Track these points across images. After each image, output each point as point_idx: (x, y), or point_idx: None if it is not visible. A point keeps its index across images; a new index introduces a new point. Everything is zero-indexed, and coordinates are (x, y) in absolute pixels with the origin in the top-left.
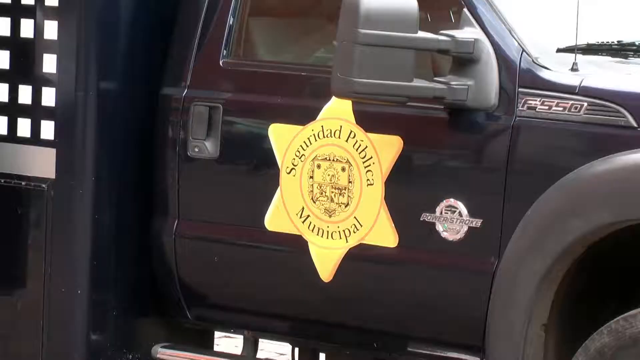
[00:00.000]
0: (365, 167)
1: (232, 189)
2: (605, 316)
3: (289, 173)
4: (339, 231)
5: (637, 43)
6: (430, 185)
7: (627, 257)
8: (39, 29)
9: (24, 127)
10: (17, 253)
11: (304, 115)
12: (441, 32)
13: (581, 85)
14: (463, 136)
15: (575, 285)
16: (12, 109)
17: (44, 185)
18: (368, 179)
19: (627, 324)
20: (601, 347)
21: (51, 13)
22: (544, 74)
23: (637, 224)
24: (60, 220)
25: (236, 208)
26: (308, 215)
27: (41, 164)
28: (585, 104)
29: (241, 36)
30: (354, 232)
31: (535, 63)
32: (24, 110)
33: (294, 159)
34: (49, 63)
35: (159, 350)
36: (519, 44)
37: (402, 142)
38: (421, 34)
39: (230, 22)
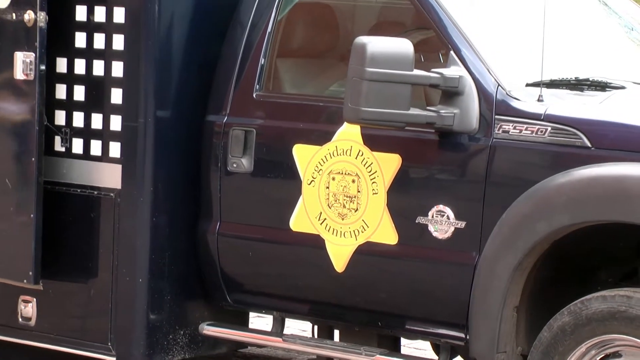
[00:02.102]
0: (371, 180)
1: (263, 197)
2: (566, 300)
3: (309, 184)
4: (350, 231)
5: (590, 79)
6: (423, 194)
7: (584, 251)
8: (108, 68)
9: (96, 147)
10: (91, 249)
11: (322, 137)
12: (432, 70)
13: (546, 113)
14: (450, 154)
15: (541, 275)
16: (87, 133)
17: (112, 194)
18: (373, 189)
19: (583, 306)
20: (562, 325)
21: (118, 55)
22: (516, 104)
23: (591, 225)
24: (125, 222)
25: (267, 212)
26: (325, 219)
27: (110, 177)
28: (549, 128)
29: (270, 73)
30: (362, 232)
31: (508, 95)
32: (96, 134)
33: (314, 172)
34: (116, 95)
35: (205, 327)
36: (495, 80)
37: (401, 159)
38: (416, 71)
39: (262, 62)
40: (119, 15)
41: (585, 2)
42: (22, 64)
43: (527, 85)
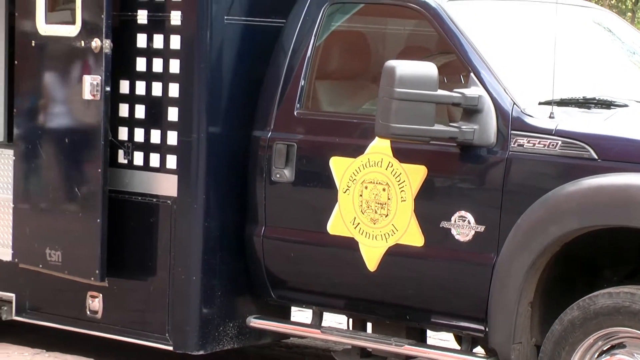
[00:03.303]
0: (399, 188)
1: (303, 203)
2: (575, 296)
3: (344, 192)
4: (381, 234)
5: (596, 98)
6: (447, 201)
7: (592, 252)
8: (165, 89)
9: (154, 159)
10: (150, 250)
11: (356, 150)
12: (454, 90)
13: (557, 128)
14: (470, 166)
15: (553, 274)
16: (146, 147)
17: (169, 202)
18: (402, 197)
19: (591, 302)
20: (572, 319)
21: (174, 78)
22: (530, 120)
23: (598, 229)
24: (181, 226)
25: (306, 217)
26: (358, 223)
27: (167, 186)
28: (560, 142)
29: (310, 93)
30: (392, 235)
31: (523, 112)
32: (155, 148)
33: (348, 182)
34: (172, 113)
35: (252, 320)
36: (511, 98)
37: (426, 170)
38: (440, 91)
39: (302, 84)
40: (175, 42)
41: (592, 29)
42: (90, 85)
43: (540, 103)
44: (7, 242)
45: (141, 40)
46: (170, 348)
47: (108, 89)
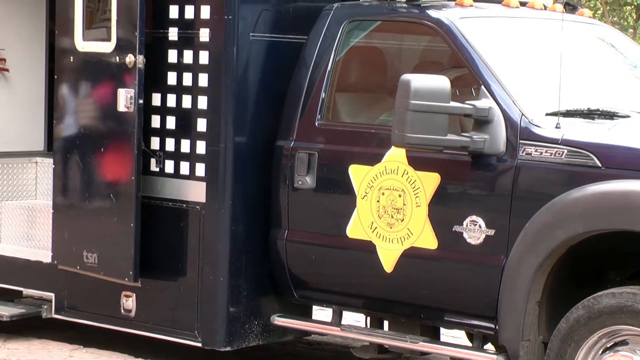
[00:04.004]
0: (414, 194)
1: (324, 209)
2: (581, 296)
3: (363, 198)
4: (397, 238)
5: (600, 109)
6: (459, 206)
7: (596, 254)
8: (194, 102)
9: (184, 167)
10: (180, 252)
11: (373, 159)
12: (466, 102)
13: (562, 138)
14: (481, 173)
15: (559, 275)
16: (177, 156)
17: (198, 207)
18: (417, 202)
19: (595, 302)
20: (578, 317)
21: (203, 91)
22: (537, 130)
23: (601, 233)
24: (209, 230)
25: (327, 222)
26: (376, 227)
27: (196, 192)
28: (566, 151)
29: (330, 105)
30: (407, 239)
31: (531, 123)
32: (185, 157)
33: (366, 188)
34: (201, 124)
35: (275, 319)
36: (519, 110)
37: (439, 177)
38: (452, 103)
39: (323, 96)
40: (204, 57)
41: (596, 44)
42: (124, 98)
43: (547, 114)
44: (47, 245)
45: (172, 55)
46: (199, 344)
47: (141, 101)
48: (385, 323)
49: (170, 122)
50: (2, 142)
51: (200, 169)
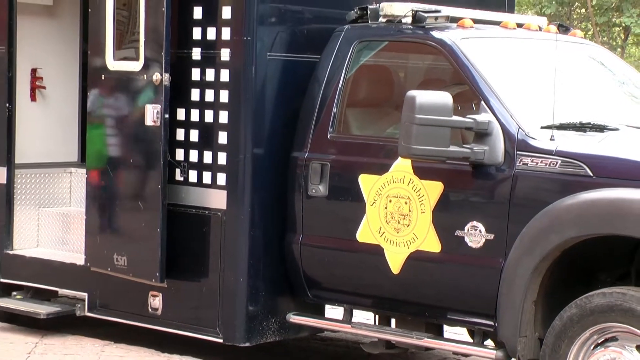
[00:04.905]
0: (419, 201)
1: (336, 215)
2: (574, 295)
3: (371, 205)
4: (403, 242)
5: (591, 123)
6: (461, 213)
7: (588, 257)
8: (216, 116)
9: (207, 177)
10: (203, 255)
11: (381, 168)
12: (467, 116)
13: (556, 149)
14: (481, 182)
15: (554, 276)
16: (200, 166)
17: (219, 213)
18: (421, 209)
19: (587, 301)
20: (571, 315)
21: (223, 106)
22: (533, 142)
23: (593, 237)
24: (229, 235)
25: (339, 227)
26: (384, 232)
27: (217, 200)
28: (560, 161)
29: (341, 119)
30: (413, 242)
31: (527, 135)
32: (207, 167)
33: (375, 196)
34: (222, 137)
35: (291, 316)
36: (516, 123)
37: (443, 185)
38: (454, 117)
39: (334, 111)
40: (225, 75)
41: (587, 63)
42: (151, 113)
43: (542, 127)
44: (80, 249)
45: (195, 73)
46: (221, 340)
47: (167, 116)
48: (393, 321)
49: (194, 135)
50: (39, 154)
51: (222, 179)
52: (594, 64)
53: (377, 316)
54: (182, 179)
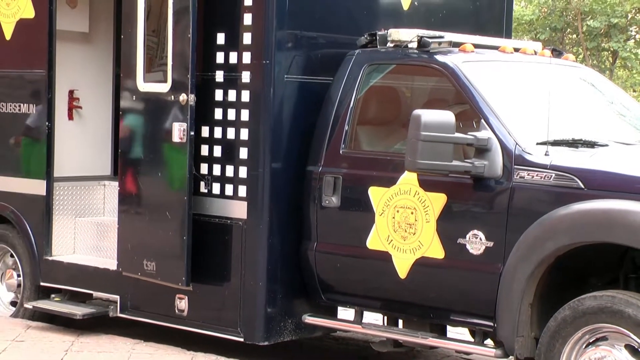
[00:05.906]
0: (425, 212)
1: (348, 224)
2: (567, 298)
3: (380, 215)
4: (410, 249)
5: (583, 139)
6: (463, 222)
7: (580, 263)
8: (237, 134)
9: (229, 189)
10: (225, 261)
11: (389, 181)
12: (468, 133)
13: (551, 163)
14: (481, 194)
15: (549, 280)
16: (222, 179)
17: (240, 223)
18: (426, 219)
19: (579, 303)
20: (564, 317)
21: (244, 124)
22: (529, 157)
23: (585, 244)
24: (250, 242)
25: (350, 235)
26: (392, 240)
27: (238, 210)
28: (554, 174)
29: (352, 136)
30: (419, 249)
31: (524, 151)
32: (229, 180)
33: (384, 207)
34: (243, 153)
35: (306, 317)
36: (514, 140)
37: (446, 197)
38: (457, 134)
39: (346, 128)
40: (245, 96)
41: (578, 84)
42: (178, 131)
43: (537, 143)
44: (113, 255)
45: (218, 94)
46: (242, 339)
47: (192, 133)
48: (400, 321)
49: (217, 151)
50: (76, 168)
51: (242, 191)
52: (585, 85)
53: (385, 317)
54: (206, 191)
